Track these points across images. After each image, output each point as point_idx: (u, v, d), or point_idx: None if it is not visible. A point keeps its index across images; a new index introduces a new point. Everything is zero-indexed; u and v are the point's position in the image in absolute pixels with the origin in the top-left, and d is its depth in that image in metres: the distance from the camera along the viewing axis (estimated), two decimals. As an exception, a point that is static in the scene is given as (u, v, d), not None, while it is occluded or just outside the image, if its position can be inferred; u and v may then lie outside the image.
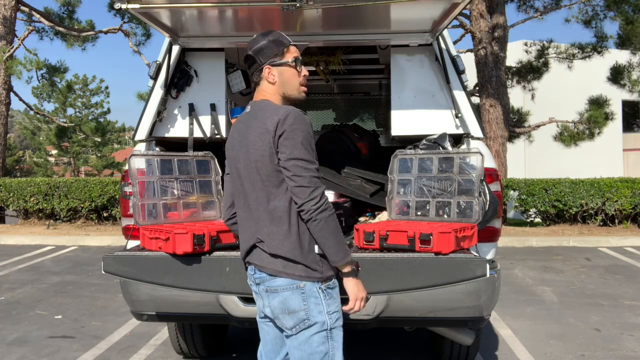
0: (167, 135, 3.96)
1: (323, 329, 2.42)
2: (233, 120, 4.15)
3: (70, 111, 34.58)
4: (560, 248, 10.25)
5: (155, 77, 3.84)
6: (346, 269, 2.42)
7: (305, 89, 2.58)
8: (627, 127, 26.59)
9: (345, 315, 2.54)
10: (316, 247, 2.41)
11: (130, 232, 3.58)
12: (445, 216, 3.27)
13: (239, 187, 2.54)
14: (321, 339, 2.42)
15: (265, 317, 2.58)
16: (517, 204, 12.03)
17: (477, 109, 4.70)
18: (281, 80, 2.51)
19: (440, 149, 3.43)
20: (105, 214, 12.49)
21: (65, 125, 27.17)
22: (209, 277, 2.97)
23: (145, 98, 4.11)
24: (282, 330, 2.51)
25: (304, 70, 2.56)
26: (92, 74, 64.62)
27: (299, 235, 2.39)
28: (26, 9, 14.31)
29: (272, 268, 2.42)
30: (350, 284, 2.45)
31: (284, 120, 2.34)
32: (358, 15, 3.42)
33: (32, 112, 24.84)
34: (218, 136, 4.01)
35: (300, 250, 2.39)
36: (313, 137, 2.42)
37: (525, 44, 16.19)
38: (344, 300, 2.50)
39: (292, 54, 2.52)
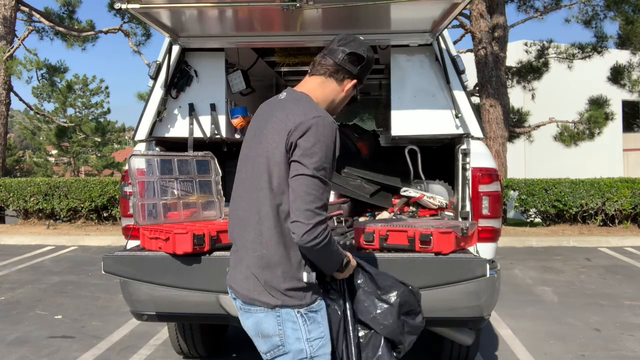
0: (167, 135, 3.96)
1: (302, 357, 2.15)
2: (233, 121, 4.15)
3: (70, 111, 34.62)
4: (560, 248, 10.25)
5: (155, 77, 3.84)
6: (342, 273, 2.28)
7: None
8: (627, 127, 26.57)
9: None
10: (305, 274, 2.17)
11: (130, 232, 3.58)
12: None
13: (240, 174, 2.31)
14: None
15: None
16: (517, 204, 12.03)
17: (477, 109, 4.70)
18: (345, 98, 2.35)
19: None
20: (105, 214, 12.48)
21: (65, 125, 27.17)
22: (209, 277, 2.98)
23: (145, 98, 4.11)
24: None
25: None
26: (92, 74, 64.71)
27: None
28: (26, 9, 14.31)
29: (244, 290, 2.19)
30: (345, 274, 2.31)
31: (311, 126, 2.08)
32: (358, 15, 3.42)
33: (32, 112, 24.85)
34: (218, 136, 4.01)
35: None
36: (336, 151, 2.15)
37: (525, 44, 16.18)
38: None
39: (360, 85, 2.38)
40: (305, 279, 2.15)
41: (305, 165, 2.06)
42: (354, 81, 2.32)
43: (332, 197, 3.94)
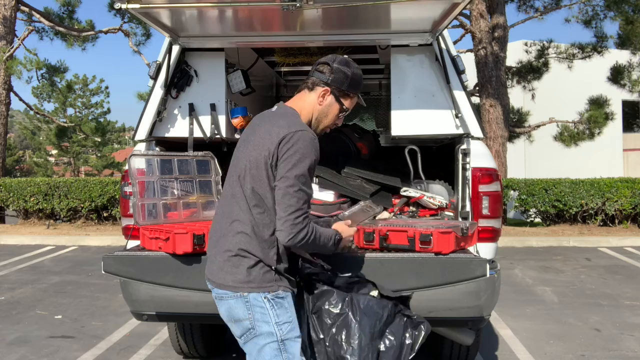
0: (167, 135, 3.96)
1: (272, 340, 2.33)
2: (233, 121, 4.15)
3: (70, 111, 34.63)
4: (560, 248, 10.25)
5: (155, 77, 3.84)
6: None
7: (326, 131, 2.58)
8: (627, 127, 26.57)
9: None
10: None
11: (130, 232, 3.58)
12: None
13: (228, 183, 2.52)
14: (273, 351, 2.32)
15: None
16: (517, 204, 12.03)
17: (477, 109, 4.70)
18: (324, 110, 2.49)
19: None
20: (105, 214, 12.49)
21: (65, 125, 27.16)
22: (209, 277, 2.97)
23: (145, 98, 4.11)
24: None
25: (340, 121, 2.57)
26: (92, 74, 64.52)
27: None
28: (26, 9, 14.31)
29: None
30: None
31: (291, 139, 2.28)
32: (358, 15, 3.42)
33: (32, 112, 24.88)
34: (218, 136, 4.01)
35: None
36: (315, 164, 2.35)
37: (525, 44, 16.18)
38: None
39: (352, 102, 2.53)
40: (273, 267, 2.35)
41: (286, 176, 2.27)
42: (326, 88, 2.47)
43: (332, 197, 3.94)
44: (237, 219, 2.37)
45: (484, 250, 3.38)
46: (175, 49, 3.86)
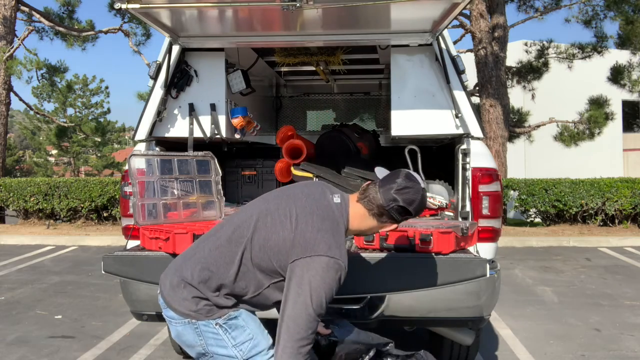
0: (167, 135, 3.96)
1: None
2: (233, 120, 4.15)
3: (70, 111, 34.59)
4: (560, 248, 10.24)
5: (155, 77, 3.84)
6: None
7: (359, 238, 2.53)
8: (627, 127, 26.56)
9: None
10: None
11: (130, 232, 3.58)
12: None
13: (226, 229, 2.32)
14: None
15: None
16: (517, 204, 12.02)
17: (477, 109, 4.70)
18: (377, 230, 2.40)
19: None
20: (105, 214, 12.48)
21: (65, 125, 27.15)
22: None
23: (145, 98, 4.11)
24: None
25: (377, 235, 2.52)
26: (92, 74, 64.60)
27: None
28: (26, 9, 14.31)
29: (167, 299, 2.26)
30: None
31: (312, 262, 2.11)
32: (358, 15, 3.42)
33: (32, 112, 24.85)
34: (218, 136, 4.01)
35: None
36: (333, 292, 2.15)
37: (525, 44, 16.17)
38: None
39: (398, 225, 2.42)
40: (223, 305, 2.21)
41: (299, 294, 2.09)
42: (395, 225, 2.36)
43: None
44: (226, 261, 2.22)
45: (484, 250, 3.38)
46: (175, 49, 3.87)
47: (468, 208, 3.51)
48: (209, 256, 2.23)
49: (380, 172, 2.44)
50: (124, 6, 3.05)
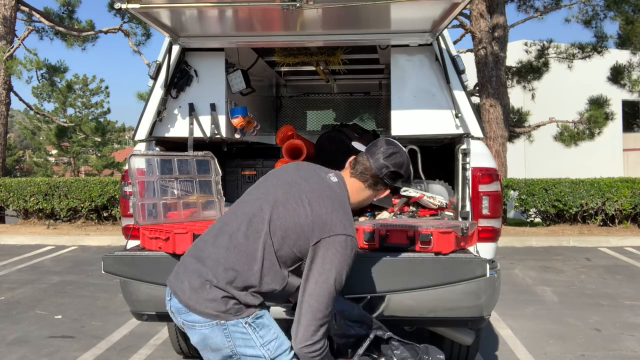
0: (167, 135, 3.96)
1: None
2: (233, 120, 4.15)
3: (70, 111, 34.60)
4: (560, 248, 10.25)
5: (155, 77, 3.84)
6: None
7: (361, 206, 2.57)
8: (627, 127, 26.57)
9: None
10: None
11: (130, 232, 3.58)
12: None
13: (236, 221, 2.31)
14: None
15: None
16: (517, 204, 12.03)
17: (477, 109, 4.71)
18: (373, 199, 2.50)
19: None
20: (105, 214, 12.49)
21: (65, 125, 27.14)
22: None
23: (145, 98, 4.11)
24: None
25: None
26: (92, 74, 64.49)
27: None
28: (26, 9, 14.31)
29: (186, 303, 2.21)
30: None
31: (332, 241, 2.18)
32: (358, 15, 3.42)
33: (32, 112, 24.84)
34: (218, 136, 4.01)
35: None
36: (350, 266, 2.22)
37: (525, 44, 16.18)
38: None
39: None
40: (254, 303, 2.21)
41: (321, 273, 2.16)
42: (388, 190, 2.49)
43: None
44: (251, 251, 2.22)
45: (484, 250, 3.38)
46: (175, 48, 3.87)
47: (468, 208, 3.51)
48: (228, 255, 2.22)
49: (359, 146, 2.55)
50: (124, 6, 3.05)
